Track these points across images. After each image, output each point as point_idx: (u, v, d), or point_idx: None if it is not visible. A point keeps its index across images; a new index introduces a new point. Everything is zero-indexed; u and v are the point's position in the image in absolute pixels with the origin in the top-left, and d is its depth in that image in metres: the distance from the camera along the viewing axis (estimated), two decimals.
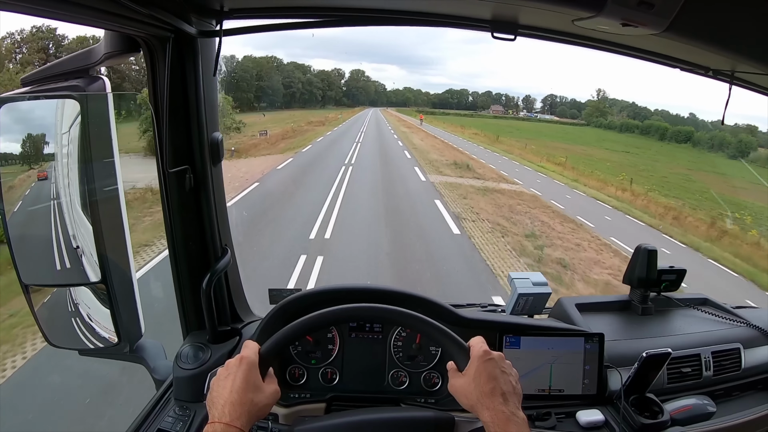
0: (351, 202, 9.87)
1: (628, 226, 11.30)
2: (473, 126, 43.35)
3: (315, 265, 5.91)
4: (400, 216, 9.04)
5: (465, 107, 75.55)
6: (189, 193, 1.03)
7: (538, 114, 65.39)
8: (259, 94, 46.17)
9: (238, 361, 0.74)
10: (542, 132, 42.20)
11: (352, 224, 8.15)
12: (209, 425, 0.68)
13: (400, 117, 55.68)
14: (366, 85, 78.00)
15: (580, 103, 62.55)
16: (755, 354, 1.30)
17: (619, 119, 46.84)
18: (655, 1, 0.81)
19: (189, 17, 0.92)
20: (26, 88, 0.99)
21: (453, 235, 7.97)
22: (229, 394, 0.70)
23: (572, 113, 61.19)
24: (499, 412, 0.71)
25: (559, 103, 67.16)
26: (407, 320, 0.83)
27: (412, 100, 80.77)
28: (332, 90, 68.53)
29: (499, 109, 70.44)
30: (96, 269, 0.97)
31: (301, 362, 1.11)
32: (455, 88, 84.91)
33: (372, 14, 0.96)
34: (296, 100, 57.06)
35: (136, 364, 1.11)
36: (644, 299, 1.39)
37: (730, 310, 1.43)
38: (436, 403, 1.07)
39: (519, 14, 0.90)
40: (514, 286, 1.26)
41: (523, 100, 72.13)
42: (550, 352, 1.08)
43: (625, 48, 1.04)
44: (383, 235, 7.65)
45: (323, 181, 12.16)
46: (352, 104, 70.67)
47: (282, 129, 28.73)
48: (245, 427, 0.68)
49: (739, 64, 1.09)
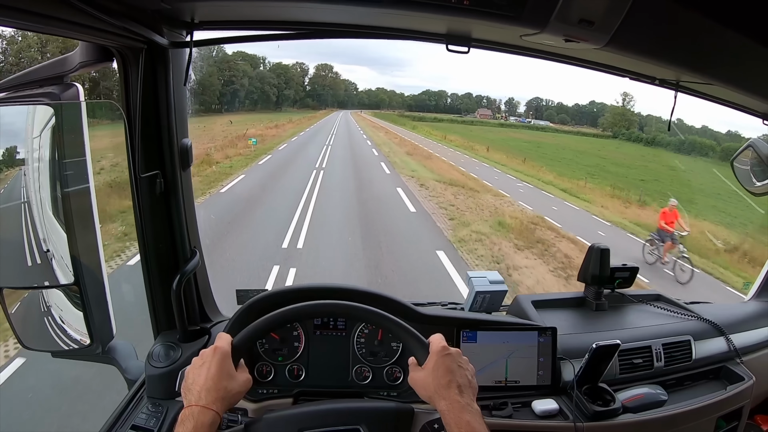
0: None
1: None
2: (477, 139, 32.46)
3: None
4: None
5: (443, 110, 67.76)
6: (159, 197, 1.07)
7: (532, 120, 58.10)
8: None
9: (213, 350, 0.78)
10: (567, 147, 30.87)
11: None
12: (186, 408, 0.72)
13: (376, 123, 45.23)
14: (334, 83, 65.46)
15: (567, 107, 59.04)
16: (706, 345, 1.37)
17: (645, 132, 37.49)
18: (595, 19, 0.88)
19: (161, 29, 0.96)
20: (1, 95, 1.01)
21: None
22: (204, 380, 0.74)
23: (561, 118, 56.68)
24: (454, 402, 0.75)
25: (545, 107, 61.47)
26: (373, 317, 0.88)
27: (386, 101, 71.82)
28: (291, 88, 56.10)
29: (487, 113, 62.92)
30: (68, 271, 0.99)
31: (269, 359, 1.14)
32: (431, 89, 74.98)
33: (336, 28, 1.01)
34: (240, 100, 45.55)
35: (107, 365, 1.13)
36: (598, 296, 1.46)
37: (682, 305, 1.51)
38: (398, 396, 1.12)
39: (471, 29, 0.97)
40: (472, 284, 1.32)
41: (506, 103, 65.18)
42: (506, 345, 1.14)
43: (573, 59, 1.12)
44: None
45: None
46: (317, 105, 59.81)
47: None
48: (220, 411, 0.73)
49: (683, 74, 1.17)
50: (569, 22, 0.88)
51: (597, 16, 0.88)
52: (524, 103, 63.55)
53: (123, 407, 1.07)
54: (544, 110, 61.48)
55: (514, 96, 73.83)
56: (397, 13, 0.89)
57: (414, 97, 74.16)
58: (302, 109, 54.72)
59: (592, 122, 52.64)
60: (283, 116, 42.29)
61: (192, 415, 0.71)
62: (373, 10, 0.92)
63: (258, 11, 1.02)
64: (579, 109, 58.77)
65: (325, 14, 1.00)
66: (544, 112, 60.73)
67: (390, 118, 54.96)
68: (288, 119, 39.10)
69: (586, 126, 52.84)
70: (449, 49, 0.98)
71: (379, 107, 69.57)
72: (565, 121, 56.12)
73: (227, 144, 19.16)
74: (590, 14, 0.88)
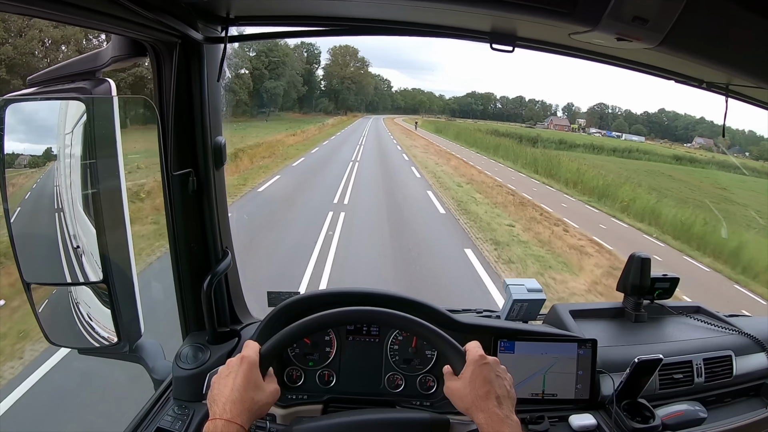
0: None
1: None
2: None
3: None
4: None
5: (492, 116, 57.56)
6: (192, 196, 1.05)
7: (623, 134, 44.83)
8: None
9: (240, 360, 0.76)
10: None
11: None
12: (210, 422, 0.70)
13: (438, 147, 25.08)
14: (359, 77, 44.60)
15: (637, 115, 48.69)
16: (747, 361, 1.32)
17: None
18: (649, 17, 0.84)
19: (195, 23, 0.94)
20: (33, 89, 1.00)
21: None
22: (230, 392, 0.72)
23: (637, 129, 45.97)
24: (493, 414, 0.72)
25: (611, 116, 50.47)
26: (408, 324, 0.84)
27: (426, 104, 60.14)
28: (280, 79, 32.08)
29: (564, 123, 49.27)
30: (97, 269, 0.98)
31: (299, 364, 1.12)
32: (476, 91, 62.92)
33: (375, 24, 0.98)
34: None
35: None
36: (637, 307, 1.41)
37: (723, 318, 1.45)
38: (431, 405, 1.09)
39: (517, 27, 0.93)
40: (509, 292, 1.28)
41: (564, 109, 54.67)
42: (544, 357, 1.10)
43: (620, 60, 1.07)
44: None
45: None
46: (334, 110, 40.98)
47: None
48: (245, 424, 0.70)
49: (734, 78, 1.12)
50: (623, 20, 0.84)
51: (651, 13, 0.84)
52: (585, 110, 52.94)
53: (149, 408, 1.05)
54: (610, 119, 50.93)
55: (573, 102, 61.58)
56: (440, 8, 0.86)
57: (457, 100, 62.83)
58: (309, 115, 35.38)
59: (664, 135, 42.40)
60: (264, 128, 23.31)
61: (216, 428, 0.68)
62: (414, 5, 0.89)
63: (294, 6, 1.00)
64: (649, 118, 48.65)
65: (363, 10, 0.97)
66: (612, 122, 50.13)
67: (445, 130, 36.73)
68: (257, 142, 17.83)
69: (668, 141, 40.16)
70: (493, 48, 0.94)
71: (417, 111, 57.36)
72: (640, 133, 45.85)
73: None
74: (645, 11, 0.83)
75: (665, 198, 15.77)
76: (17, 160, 0.98)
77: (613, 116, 50.63)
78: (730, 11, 0.83)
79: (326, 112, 41.04)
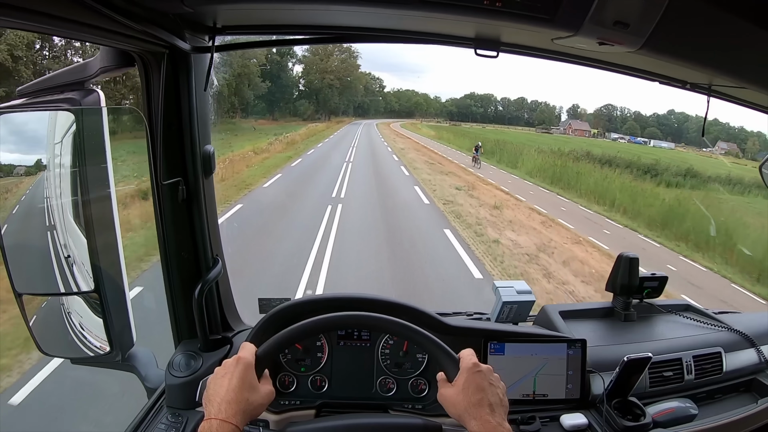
0: None
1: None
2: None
3: None
4: None
5: (492, 118, 53.10)
6: (181, 205, 1.05)
7: (649, 140, 40.04)
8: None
9: (236, 361, 0.76)
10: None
11: None
12: (205, 421, 0.70)
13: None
14: (345, 71, 35.93)
15: (646, 117, 43.77)
16: (737, 357, 1.33)
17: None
18: (630, 21, 0.86)
19: (183, 34, 0.95)
20: (22, 100, 1.01)
21: None
22: (225, 392, 0.72)
23: (651, 132, 41.76)
24: (485, 422, 0.73)
25: (619, 118, 45.41)
26: (404, 331, 0.85)
27: (423, 106, 54.65)
28: (243, 82, 25.91)
29: (584, 127, 43.10)
30: (88, 278, 0.98)
31: (291, 370, 1.12)
32: (476, 93, 56.84)
33: (361, 32, 0.99)
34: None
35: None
36: (627, 306, 1.42)
37: (712, 315, 1.46)
38: (423, 409, 1.09)
39: (501, 33, 0.94)
40: (498, 294, 1.29)
41: (569, 110, 48.73)
42: (534, 358, 1.11)
43: (604, 63, 1.08)
44: None
45: None
46: (312, 115, 32.93)
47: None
48: (240, 424, 0.70)
49: (716, 78, 1.14)
50: (604, 25, 0.86)
51: (632, 17, 0.85)
52: (592, 111, 48.22)
53: (142, 416, 1.05)
54: (618, 121, 46.22)
55: (579, 103, 56.00)
56: (424, 15, 0.87)
57: (455, 102, 56.47)
58: (271, 122, 27.53)
59: (676, 138, 39.29)
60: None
61: (211, 428, 0.69)
62: (399, 14, 0.90)
63: (281, 15, 1.00)
64: (659, 120, 45.09)
65: (349, 18, 0.98)
66: (621, 125, 45.37)
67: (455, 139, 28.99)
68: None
69: (684, 144, 35.91)
70: (478, 54, 0.95)
71: (413, 115, 52.27)
72: (655, 136, 41.93)
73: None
74: (625, 16, 0.85)
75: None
76: (15, 170, 0.99)
77: (622, 119, 45.97)
78: (710, 14, 0.84)
79: (303, 118, 32.25)
